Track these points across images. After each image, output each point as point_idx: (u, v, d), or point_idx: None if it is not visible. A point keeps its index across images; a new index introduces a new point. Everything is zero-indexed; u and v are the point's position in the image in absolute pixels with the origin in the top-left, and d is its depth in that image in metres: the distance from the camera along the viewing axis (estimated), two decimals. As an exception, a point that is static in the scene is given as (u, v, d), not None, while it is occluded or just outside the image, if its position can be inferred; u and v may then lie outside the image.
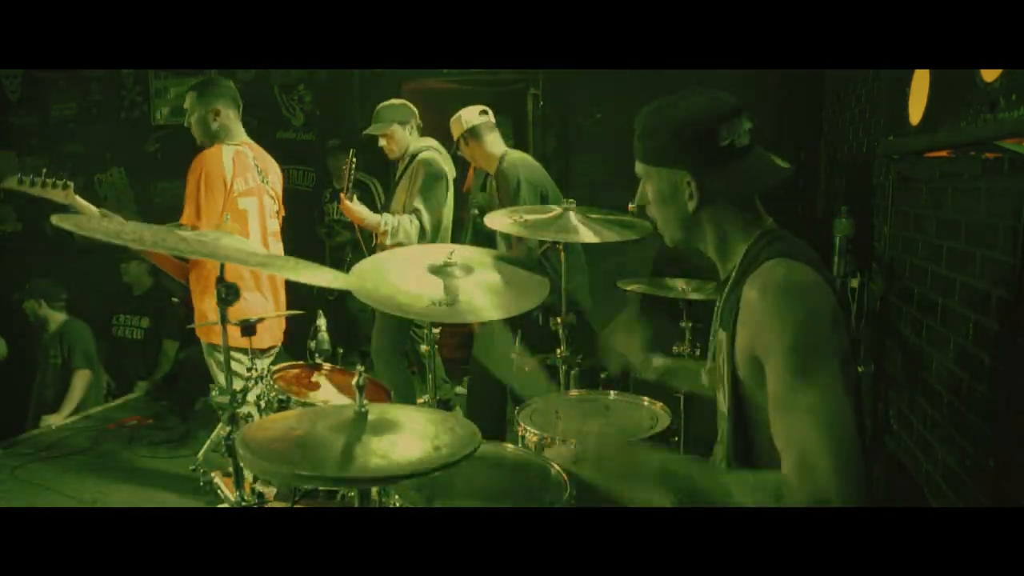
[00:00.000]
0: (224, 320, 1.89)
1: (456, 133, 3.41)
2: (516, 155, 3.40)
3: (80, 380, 4.48)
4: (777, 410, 1.20)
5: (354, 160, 3.33)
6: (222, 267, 1.85)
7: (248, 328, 2.08)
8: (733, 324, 1.31)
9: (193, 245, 1.70)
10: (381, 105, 3.62)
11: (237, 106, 3.04)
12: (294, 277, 1.73)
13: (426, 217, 3.47)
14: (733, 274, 1.37)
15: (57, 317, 4.59)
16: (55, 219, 1.44)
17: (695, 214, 1.37)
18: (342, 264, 4.84)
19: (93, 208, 2.91)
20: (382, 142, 3.61)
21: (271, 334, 3.12)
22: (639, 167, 1.42)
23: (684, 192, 1.35)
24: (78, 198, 2.85)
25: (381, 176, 4.80)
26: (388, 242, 3.40)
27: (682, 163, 1.34)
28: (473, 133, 3.36)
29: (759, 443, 1.31)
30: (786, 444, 1.19)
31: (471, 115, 3.35)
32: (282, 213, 3.22)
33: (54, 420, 4.31)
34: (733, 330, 1.31)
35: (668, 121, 1.33)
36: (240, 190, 2.94)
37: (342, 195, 3.38)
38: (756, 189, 1.37)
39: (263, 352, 3.17)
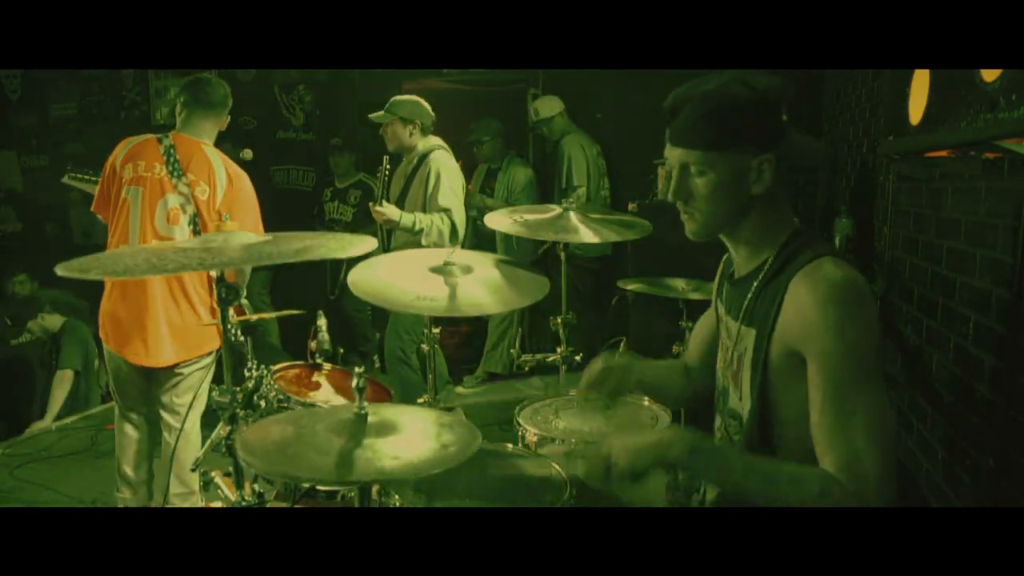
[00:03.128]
0: (225, 320, 1.89)
1: (555, 111, 4.71)
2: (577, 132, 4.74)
3: (60, 382, 4.41)
4: (826, 410, 1.19)
5: (388, 168, 3.39)
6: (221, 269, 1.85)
7: (249, 329, 2.08)
8: (773, 320, 1.27)
9: (229, 256, 1.44)
10: (395, 98, 3.62)
11: (200, 104, 2.83)
12: (296, 258, 1.42)
13: (456, 216, 3.50)
14: (766, 269, 1.33)
15: (56, 320, 4.58)
16: (59, 269, 1.33)
17: (752, 200, 1.30)
18: (342, 263, 4.83)
19: None
20: (389, 130, 3.61)
21: (142, 348, 2.62)
22: (696, 156, 1.29)
23: (751, 175, 1.28)
24: None
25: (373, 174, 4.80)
26: (424, 242, 3.41)
27: (762, 142, 1.27)
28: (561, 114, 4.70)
29: (781, 441, 1.30)
30: (832, 444, 1.17)
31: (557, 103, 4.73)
32: (211, 224, 2.63)
33: (37, 426, 4.29)
34: (772, 326, 1.27)
35: (743, 100, 1.25)
36: (127, 177, 2.71)
37: (371, 203, 3.40)
38: (809, 162, 1.35)
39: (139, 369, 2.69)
